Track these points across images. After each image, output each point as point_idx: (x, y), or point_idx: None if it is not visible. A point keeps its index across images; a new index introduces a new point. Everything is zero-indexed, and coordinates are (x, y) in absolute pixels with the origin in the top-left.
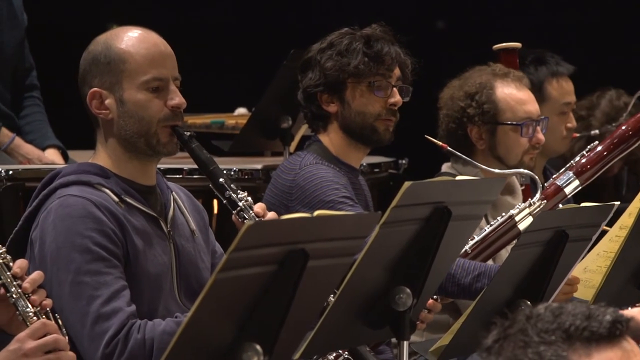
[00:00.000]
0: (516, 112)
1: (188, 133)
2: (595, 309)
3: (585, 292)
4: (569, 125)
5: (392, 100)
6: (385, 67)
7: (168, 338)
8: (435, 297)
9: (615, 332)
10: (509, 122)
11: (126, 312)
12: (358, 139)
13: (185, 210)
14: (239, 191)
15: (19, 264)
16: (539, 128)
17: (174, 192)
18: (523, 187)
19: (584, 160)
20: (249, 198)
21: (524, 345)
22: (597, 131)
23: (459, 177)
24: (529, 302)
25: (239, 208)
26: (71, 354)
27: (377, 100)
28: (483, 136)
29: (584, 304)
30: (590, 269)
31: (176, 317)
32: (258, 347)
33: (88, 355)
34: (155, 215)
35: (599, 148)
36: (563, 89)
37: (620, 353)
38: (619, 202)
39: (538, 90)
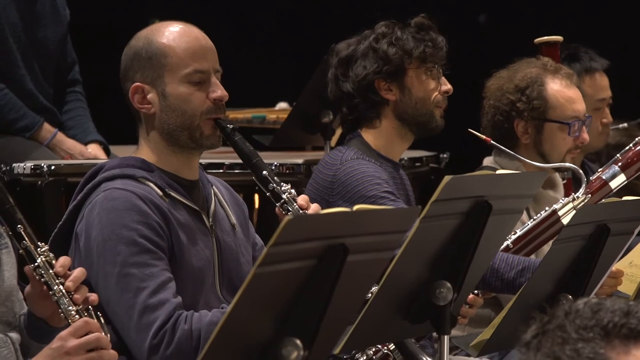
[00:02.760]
0: (565, 110)
1: (231, 126)
2: (634, 306)
3: (630, 286)
4: (604, 120)
5: (445, 87)
6: (441, 54)
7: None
8: (476, 292)
9: None
10: (558, 120)
11: (173, 304)
12: (411, 127)
13: (225, 204)
14: (282, 184)
15: (62, 262)
16: (584, 127)
17: (214, 186)
18: (565, 181)
19: (630, 154)
20: (293, 190)
21: (562, 342)
22: (625, 124)
23: (499, 171)
24: (570, 297)
25: (282, 200)
26: (113, 352)
27: (435, 87)
28: (529, 131)
29: (623, 301)
30: (636, 264)
31: (222, 308)
32: (298, 341)
33: (136, 346)
34: (198, 209)
35: None
36: (597, 85)
37: None
38: None
39: None
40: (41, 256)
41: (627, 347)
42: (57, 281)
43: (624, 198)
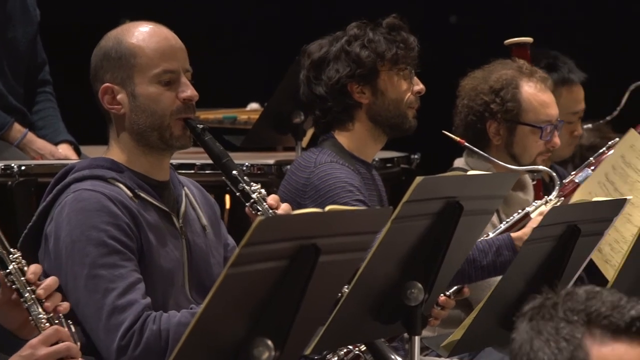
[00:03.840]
0: (538, 114)
1: (201, 126)
2: (626, 302)
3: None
4: (575, 133)
5: (418, 87)
6: (413, 55)
7: (183, 329)
8: (448, 293)
9: (632, 329)
10: (530, 124)
11: (142, 304)
12: (384, 129)
13: (196, 205)
14: (252, 183)
15: (33, 270)
16: (556, 132)
17: (185, 187)
18: (534, 183)
19: (603, 158)
20: (262, 190)
21: (549, 318)
22: (589, 125)
23: (470, 172)
24: None
25: (252, 200)
26: None
27: (408, 88)
28: (501, 132)
29: (621, 295)
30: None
31: (191, 309)
32: (269, 342)
33: (104, 347)
34: (168, 210)
35: None
36: (572, 98)
37: (637, 353)
38: (631, 197)
39: None
40: (13, 263)
41: (604, 338)
42: (28, 288)
43: (594, 199)
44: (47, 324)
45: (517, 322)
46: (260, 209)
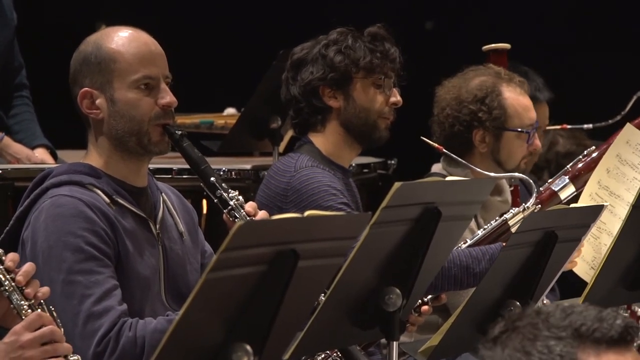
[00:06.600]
0: (522, 118)
1: (179, 132)
2: (606, 313)
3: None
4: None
5: (394, 99)
6: (392, 66)
7: (159, 336)
8: (425, 299)
9: (627, 337)
10: (516, 129)
11: (118, 311)
12: (355, 136)
13: (174, 212)
14: (230, 190)
15: (12, 258)
16: (537, 134)
17: (163, 193)
18: (512, 188)
19: (580, 165)
20: (240, 197)
21: (534, 337)
22: (572, 126)
23: (449, 178)
24: (518, 303)
25: (230, 207)
26: (67, 345)
27: (381, 98)
28: (486, 140)
29: (593, 307)
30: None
31: (167, 316)
32: (248, 347)
33: (80, 353)
34: (145, 216)
35: (596, 153)
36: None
37: (631, 358)
38: (608, 204)
39: None
40: None
41: (598, 350)
42: (8, 276)
43: (572, 205)
44: (29, 311)
45: (483, 350)
46: (238, 216)
